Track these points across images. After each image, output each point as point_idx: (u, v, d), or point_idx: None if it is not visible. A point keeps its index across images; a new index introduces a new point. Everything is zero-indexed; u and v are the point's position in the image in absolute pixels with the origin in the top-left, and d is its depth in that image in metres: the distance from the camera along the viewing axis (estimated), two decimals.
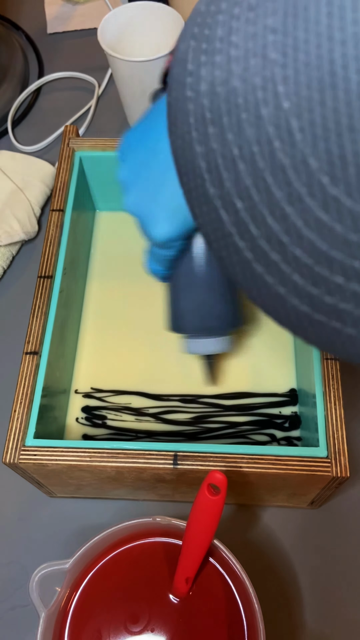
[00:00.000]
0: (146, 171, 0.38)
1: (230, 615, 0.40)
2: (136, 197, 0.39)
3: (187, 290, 0.45)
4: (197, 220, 0.22)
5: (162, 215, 0.38)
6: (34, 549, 0.49)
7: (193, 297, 0.45)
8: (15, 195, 0.62)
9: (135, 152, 0.39)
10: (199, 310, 0.46)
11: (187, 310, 0.46)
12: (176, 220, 0.38)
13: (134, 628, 0.40)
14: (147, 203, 0.38)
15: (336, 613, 0.46)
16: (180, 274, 0.45)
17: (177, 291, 0.46)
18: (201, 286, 0.45)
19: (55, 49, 0.80)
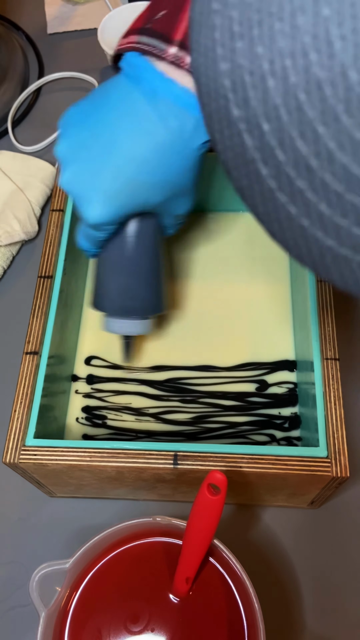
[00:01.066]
0: (86, 151, 0.38)
1: (230, 615, 0.40)
2: (73, 175, 0.38)
3: (113, 272, 0.46)
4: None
5: (97, 199, 0.38)
6: (34, 549, 0.49)
7: (118, 280, 0.46)
8: (16, 195, 0.62)
9: (77, 130, 0.39)
10: (122, 293, 0.47)
11: (111, 291, 0.47)
12: (111, 206, 0.38)
13: (134, 628, 0.40)
14: (84, 184, 0.38)
15: (336, 613, 0.46)
16: (108, 255, 0.46)
17: (103, 271, 0.47)
18: (127, 270, 0.46)
19: (55, 49, 0.80)
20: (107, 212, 0.38)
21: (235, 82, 0.18)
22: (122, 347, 0.53)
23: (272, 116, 0.18)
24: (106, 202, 0.38)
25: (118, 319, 0.48)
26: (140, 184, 0.38)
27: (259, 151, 0.19)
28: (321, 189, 0.18)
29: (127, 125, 0.37)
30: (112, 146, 0.37)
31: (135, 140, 0.37)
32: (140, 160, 0.37)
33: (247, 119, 0.18)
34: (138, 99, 0.37)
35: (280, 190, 0.19)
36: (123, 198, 0.38)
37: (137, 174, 0.38)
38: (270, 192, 0.19)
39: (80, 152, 0.38)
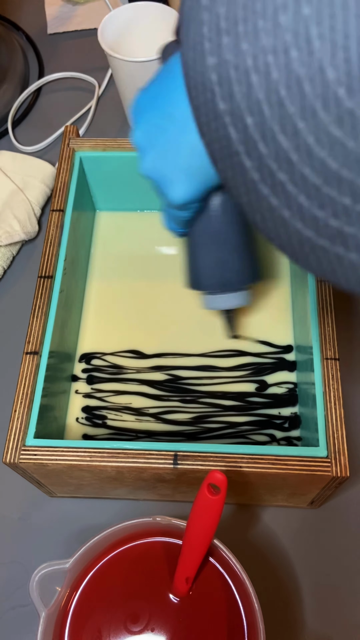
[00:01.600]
0: (161, 134, 0.38)
1: (230, 615, 0.40)
2: (152, 160, 0.38)
3: (204, 248, 0.46)
4: (204, 138, 0.21)
5: (179, 178, 0.38)
6: (34, 549, 0.49)
7: (210, 255, 0.47)
8: (16, 196, 0.62)
9: (149, 115, 0.39)
10: (217, 267, 0.47)
11: (205, 267, 0.47)
12: (193, 183, 0.38)
13: (134, 627, 0.40)
14: (164, 166, 0.38)
15: (336, 613, 0.46)
16: (197, 233, 0.46)
17: (194, 249, 0.47)
18: (218, 243, 0.46)
19: (56, 49, 0.80)
20: (190, 190, 0.38)
21: (222, 76, 0.19)
22: (225, 322, 0.54)
23: (255, 110, 0.18)
24: (188, 180, 0.38)
25: (217, 295, 0.49)
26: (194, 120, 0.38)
27: (243, 144, 0.19)
28: (300, 181, 0.18)
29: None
30: (186, 124, 0.37)
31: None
32: None
33: (232, 112, 0.19)
34: None
35: (263, 182, 0.19)
36: (204, 174, 0.38)
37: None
38: (253, 184, 0.20)
39: (156, 136, 0.38)
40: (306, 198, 0.19)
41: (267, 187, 0.19)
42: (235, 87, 0.18)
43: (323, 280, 0.21)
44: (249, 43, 0.18)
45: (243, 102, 0.18)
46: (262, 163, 0.19)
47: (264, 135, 0.18)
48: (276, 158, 0.18)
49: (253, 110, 0.18)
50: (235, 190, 0.21)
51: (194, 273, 0.48)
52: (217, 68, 0.19)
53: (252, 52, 0.18)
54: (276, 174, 0.19)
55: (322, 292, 0.48)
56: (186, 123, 0.37)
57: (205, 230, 0.45)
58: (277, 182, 0.19)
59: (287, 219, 0.20)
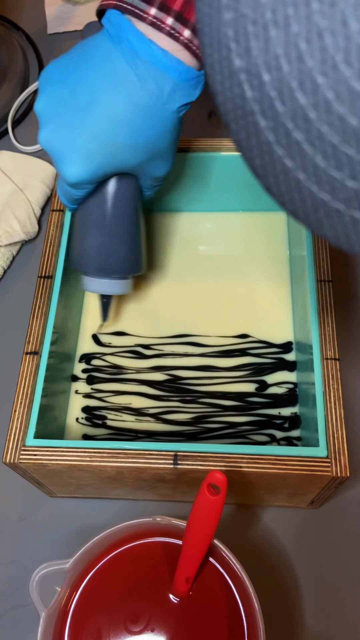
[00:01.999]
0: (64, 109, 0.38)
1: (230, 615, 0.40)
2: (51, 133, 0.38)
3: (91, 232, 0.46)
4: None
5: (75, 158, 0.38)
6: (34, 549, 0.49)
7: (96, 239, 0.47)
8: (16, 196, 0.62)
9: (56, 86, 0.39)
10: (100, 252, 0.47)
11: (89, 249, 0.47)
12: (88, 166, 0.38)
13: (134, 628, 0.40)
14: (62, 142, 0.38)
15: (336, 613, 0.46)
16: (86, 214, 0.46)
17: (82, 230, 0.47)
18: (106, 230, 0.46)
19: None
20: (84, 172, 0.39)
21: (238, 31, 0.18)
22: (100, 306, 0.54)
23: (272, 66, 0.18)
24: (84, 162, 0.38)
25: (97, 279, 0.49)
26: (119, 145, 0.38)
27: (259, 103, 0.19)
28: (318, 140, 0.18)
29: (106, 85, 0.37)
30: (91, 105, 0.37)
31: (114, 101, 0.37)
32: (118, 121, 0.37)
33: (248, 69, 0.18)
34: (118, 59, 0.37)
35: (278, 143, 0.19)
36: (101, 158, 0.38)
37: (116, 134, 0.38)
38: (268, 145, 0.19)
39: (59, 110, 0.38)
40: (323, 158, 0.18)
41: (282, 148, 0.19)
42: (253, 43, 0.18)
43: (336, 246, 0.20)
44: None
45: (260, 57, 0.18)
46: (278, 122, 0.18)
47: (281, 93, 0.18)
48: (293, 117, 0.18)
49: (271, 66, 0.18)
50: (248, 152, 0.20)
51: (76, 252, 0.48)
52: (234, 23, 0.18)
53: (272, 4, 0.17)
54: (292, 133, 0.18)
55: (322, 292, 0.48)
56: (91, 105, 0.37)
57: (95, 213, 0.45)
58: (292, 142, 0.18)
59: (302, 181, 0.19)
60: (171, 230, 0.63)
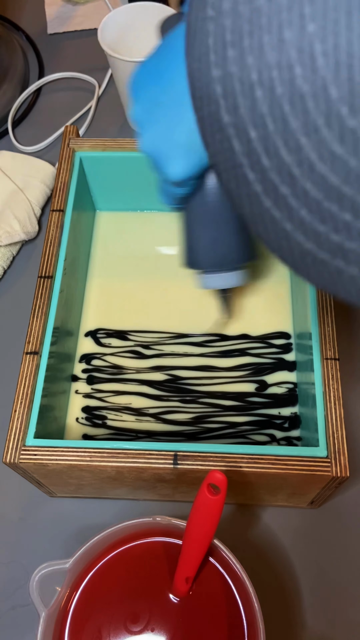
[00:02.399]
0: (160, 110, 0.38)
1: (230, 615, 0.40)
2: (151, 137, 0.38)
3: (201, 227, 0.46)
4: (208, 149, 0.21)
5: (177, 154, 0.38)
6: (34, 549, 0.49)
7: (207, 233, 0.46)
8: (16, 196, 0.63)
9: (148, 90, 0.39)
10: (213, 246, 0.47)
11: (202, 246, 0.47)
12: (191, 160, 0.38)
13: (134, 627, 0.40)
14: (162, 143, 0.38)
15: (336, 612, 0.46)
16: (193, 210, 0.46)
17: (190, 227, 0.47)
18: (215, 222, 0.46)
19: (56, 50, 0.80)
20: (188, 167, 0.38)
21: (226, 89, 0.19)
22: (220, 302, 0.53)
23: (258, 124, 0.18)
24: (186, 157, 0.38)
25: (214, 274, 0.48)
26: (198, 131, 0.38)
27: (247, 157, 0.19)
28: (302, 196, 0.19)
29: None
30: (184, 100, 0.37)
31: None
32: None
33: (236, 125, 0.19)
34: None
35: (266, 195, 0.20)
36: (201, 151, 0.38)
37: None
38: (256, 196, 0.20)
39: (155, 112, 0.38)
40: (308, 212, 0.19)
41: (270, 200, 0.20)
42: (240, 100, 0.19)
43: (324, 291, 0.21)
44: (254, 57, 0.18)
45: (247, 115, 0.18)
46: (265, 176, 0.19)
47: (267, 149, 0.18)
48: (279, 172, 0.19)
49: (257, 123, 0.18)
50: (238, 200, 0.21)
51: (189, 251, 0.48)
52: (222, 80, 0.19)
53: (257, 66, 0.18)
54: (279, 187, 0.19)
55: (322, 292, 0.48)
56: (185, 99, 0.37)
57: (202, 208, 0.45)
58: (279, 196, 0.19)
59: (289, 232, 0.20)
60: (171, 230, 0.63)
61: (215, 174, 0.22)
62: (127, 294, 0.59)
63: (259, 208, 0.20)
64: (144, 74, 0.39)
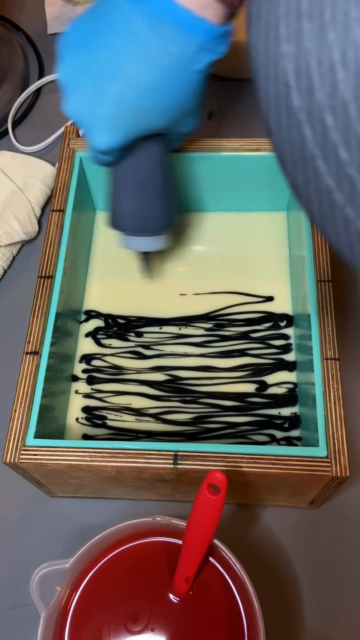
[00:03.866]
0: (88, 77, 0.37)
1: (230, 615, 0.40)
2: (76, 103, 0.38)
3: (125, 192, 0.48)
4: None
5: (102, 126, 0.37)
6: (34, 549, 0.49)
7: (131, 200, 0.48)
8: (16, 196, 0.62)
9: (77, 54, 0.38)
10: (136, 211, 0.48)
11: (125, 211, 0.49)
12: (116, 132, 0.38)
13: (134, 627, 0.40)
14: (88, 111, 0.37)
15: (336, 613, 0.46)
16: (120, 175, 0.47)
17: (116, 191, 0.48)
18: (139, 189, 0.47)
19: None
20: (113, 139, 0.38)
21: (300, 68, 0.16)
22: (141, 263, 0.55)
23: (339, 111, 0.16)
24: (112, 129, 0.38)
25: (135, 237, 0.50)
26: (145, 109, 0.38)
27: (320, 147, 0.17)
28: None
29: (127, 52, 0.36)
30: (114, 72, 0.36)
31: (137, 67, 0.36)
32: (143, 86, 0.36)
33: (310, 110, 0.17)
34: (140, 23, 0.35)
35: (340, 191, 0.17)
36: (128, 124, 0.38)
37: (141, 99, 0.37)
38: (328, 192, 0.18)
39: (83, 78, 0.37)
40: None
41: (345, 197, 0.17)
42: (317, 82, 0.16)
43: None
44: (337, 33, 0.15)
45: (325, 100, 0.16)
46: (341, 170, 0.17)
47: (347, 140, 0.16)
48: (359, 166, 0.16)
49: (337, 110, 0.16)
50: (305, 197, 0.19)
51: (114, 214, 0.50)
52: (295, 57, 0.16)
53: (341, 44, 0.15)
54: (357, 184, 0.17)
55: (322, 292, 0.48)
56: (115, 70, 0.36)
57: (127, 175, 0.46)
58: (357, 193, 0.17)
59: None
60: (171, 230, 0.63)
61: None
62: (127, 294, 0.59)
63: (330, 205, 0.18)
64: (74, 35, 0.38)
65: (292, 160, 0.18)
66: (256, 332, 0.56)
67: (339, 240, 0.19)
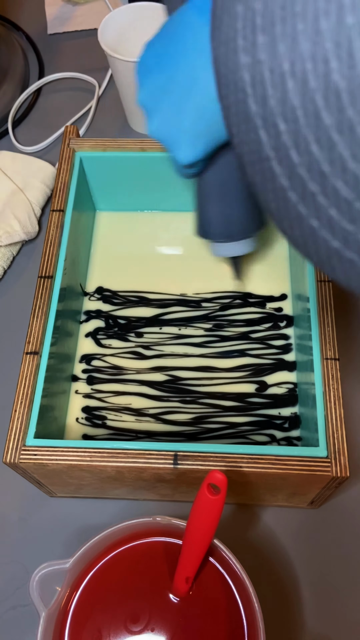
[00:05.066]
0: (167, 97, 0.38)
1: (230, 615, 0.40)
2: (159, 123, 0.39)
3: (211, 201, 0.48)
4: (233, 140, 0.20)
5: (185, 141, 0.38)
6: (34, 549, 0.49)
7: (217, 207, 0.48)
8: (16, 196, 0.63)
9: (154, 75, 0.38)
10: (223, 218, 0.49)
11: (212, 218, 0.49)
12: (199, 145, 0.38)
13: (134, 627, 0.40)
14: (169, 129, 0.38)
15: (336, 613, 0.46)
16: (204, 185, 0.48)
17: (202, 201, 0.49)
18: (224, 196, 0.48)
19: (56, 50, 0.80)
20: (196, 152, 0.39)
21: (255, 77, 0.18)
22: (231, 267, 0.55)
23: (289, 117, 0.17)
24: (194, 143, 0.38)
25: (224, 243, 0.51)
26: (221, 119, 0.38)
27: (274, 150, 0.18)
28: (332, 194, 0.18)
29: (202, 65, 0.36)
30: (191, 87, 0.37)
31: (211, 79, 0.37)
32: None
33: (265, 116, 0.18)
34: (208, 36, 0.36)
35: (293, 190, 0.19)
36: (209, 136, 0.38)
37: (218, 110, 0.38)
38: (283, 191, 0.19)
39: (162, 99, 0.38)
40: (337, 211, 0.18)
41: (297, 196, 0.19)
42: (270, 91, 0.17)
43: (350, 290, 0.21)
44: (286, 46, 0.16)
45: (277, 107, 0.17)
46: (293, 171, 0.18)
47: (297, 144, 0.18)
48: (308, 168, 0.18)
49: (287, 116, 0.17)
50: (263, 195, 0.20)
51: (202, 223, 0.50)
52: (251, 68, 0.18)
53: (290, 56, 0.17)
54: (307, 183, 0.18)
55: (322, 292, 0.48)
56: (191, 85, 0.37)
57: (211, 184, 0.47)
58: (307, 192, 0.18)
59: (315, 229, 0.19)
60: (171, 230, 0.63)
61: (240, 165, 0.21)
62: (127, 294, 0.59)
63: (285, 203, 0.19)
64: (149, 57, 0.39)
65: (251, 162, 0.20)
66: (256, 332, 0.56)
67: (294, 236, 0.20)
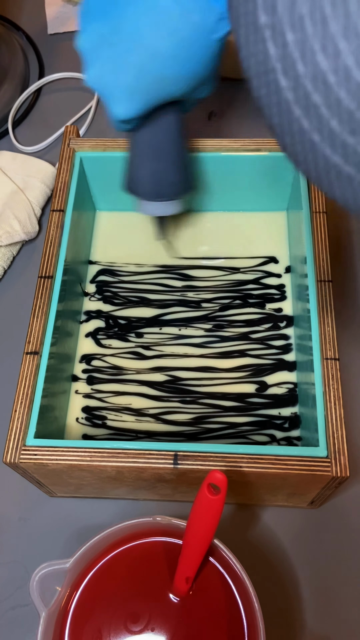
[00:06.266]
0: (108, 48, 0.37)
1: (230, 615, 0.40)
2: (98, 73, 0.38)
3: (143, 158, 0.48)
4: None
5: (122, 96, 0.38)
6: (34, 549, 0.49)
7: (148, 166, 0.49)
8: (16, 196, 0.63)
9: (98, 23, 0.38)
10: (153, 177, 0.49)
11: (142, 176, 0.50)
12: (136, 102, 0.38)
13: (134, 627, 0.40)
14: (109, 81, 0.38)
15: (336, 613, 0.46)
16: (138, 142, 0.48)
17: (134, 157, 0.49)
18: (156, 156, 0.48)
19: (56, 50, 0.80)
20: (132, 108, 0.39)
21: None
22: (156, 226, 0.56)
23: (297, 26, 0.18)
24: (131, 99, 0.38)
25: (151, 202, 0.51)
26: (164, 79, 0.38)
27: (281, 61, 0.19)
28: (335, 105, 0.18)
29: (149, 22, 0.37)
30: (135, 43, 0.37)
31: (158, 37, 0.37)
32: (163, 56, 0.37)
33: (273, 26, 0.19)
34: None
35: (296, 103, 0.19)
36: (148, 93, 0.39)
37: (161, 69, 0.38)
38: (287, 104, 0.20)
39: (103, 49, 0.38)
40: (338, 123, 0.18)
41: (300, 109, 0.19)
42: (279, 0, 0.18)
43: (344, 207, 0.22)
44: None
45: (286, 16, 0.18)
46: (298, 83, 0.19)
47: (303, 54, 0.18)
48: (313, 78, 0.18)
49: (295, 25, 0.18)
50: (267, 109, 0.21)
51: (132, 179, 0.50)
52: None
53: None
54: (311, 95, 0.19)
55: (322, 292, 0.48)
56: (135, 43, 0.37)
57: (145, 142, 0.47)
58: (310, 104, 0.19)
59: (316, 143, 0.20)
60: None
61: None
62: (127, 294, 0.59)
63: (288, 117, 0.20)
64: (94, 4, 0.39)
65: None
66: (256, 332, 0.57)
67: (295, 151, 0.21)
